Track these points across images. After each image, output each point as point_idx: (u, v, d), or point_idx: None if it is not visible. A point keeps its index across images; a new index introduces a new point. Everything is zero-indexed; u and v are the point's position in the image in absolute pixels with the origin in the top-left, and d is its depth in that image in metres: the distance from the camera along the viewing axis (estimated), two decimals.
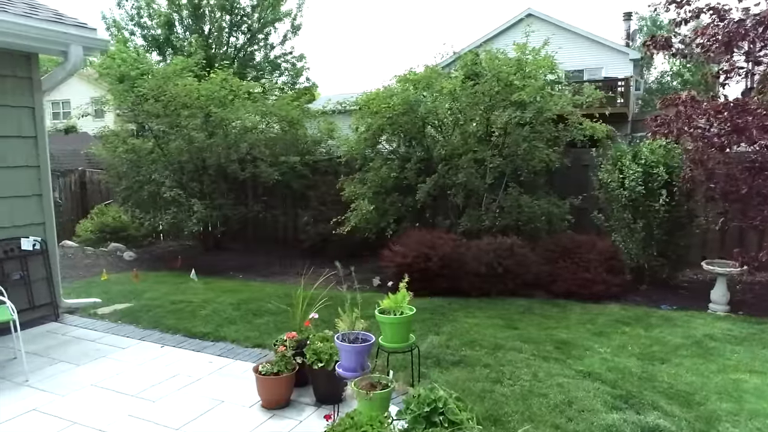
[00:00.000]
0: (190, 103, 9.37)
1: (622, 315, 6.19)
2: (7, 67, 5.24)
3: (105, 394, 3.95)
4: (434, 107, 7.03)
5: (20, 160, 5.41)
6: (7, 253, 5.31)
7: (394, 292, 3.85)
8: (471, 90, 6.89)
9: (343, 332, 3.54)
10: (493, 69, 6.87)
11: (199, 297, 6.83)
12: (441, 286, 7.17)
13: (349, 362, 3.38)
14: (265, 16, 23.44)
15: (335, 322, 3.70)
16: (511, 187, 7.33)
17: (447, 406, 2.90)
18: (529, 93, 6.59)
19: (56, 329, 5.38)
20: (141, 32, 23.60)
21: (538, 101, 6.82)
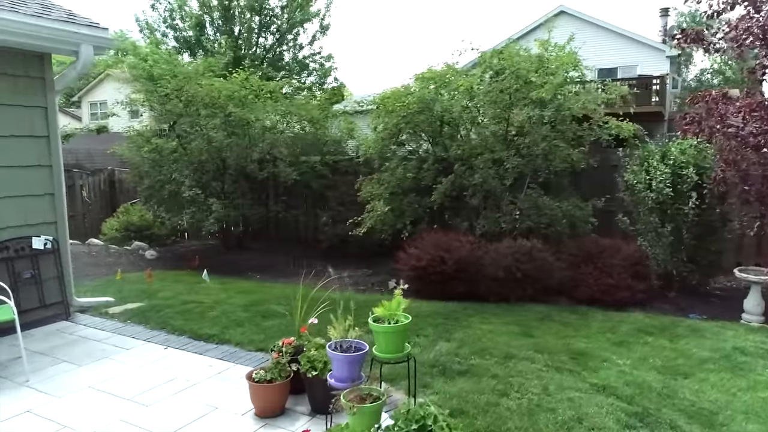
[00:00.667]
0: (211, 102, 9.40)
1: (646, 324, 5.87)
2: (19, 68, 5.27)
3: (101, 397, 3.90)
4: (450, 105, 6.81)
5: (32, 160, 5.45)
6: (18, 252, 5.35)
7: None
8: (488, 87, 6.66)
9: (336, 340, 3.38)
10: (512, 66, 6.61)
11: (212, 297, 6.79)
12: (457, 290, 6.97)
13: (341, 372, 3.23)
14: (293, 16, 23.51)
15: (327, 330, 3.53)
16: (532, 189, 7.05)
17: (436, 424, 2.72)
18: (548, 90, 6.31)
19: (65, 328, 5.40)
20: (173, 34, 24.00)
21: (558, 99, 6.53)
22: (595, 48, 23.59)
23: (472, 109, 6.88)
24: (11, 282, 5.25)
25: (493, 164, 6.81)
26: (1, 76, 5.15)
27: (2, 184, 5.20)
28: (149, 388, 4.05)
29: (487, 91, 6.69)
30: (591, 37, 23.94)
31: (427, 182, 7.51)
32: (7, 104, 5.21)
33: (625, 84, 20.22)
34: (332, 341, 3.38)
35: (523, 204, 6.74)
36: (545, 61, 6.88)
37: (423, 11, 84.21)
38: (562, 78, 6.51)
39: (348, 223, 8.18)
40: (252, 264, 9.66)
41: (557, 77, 6.44)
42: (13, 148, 5.28)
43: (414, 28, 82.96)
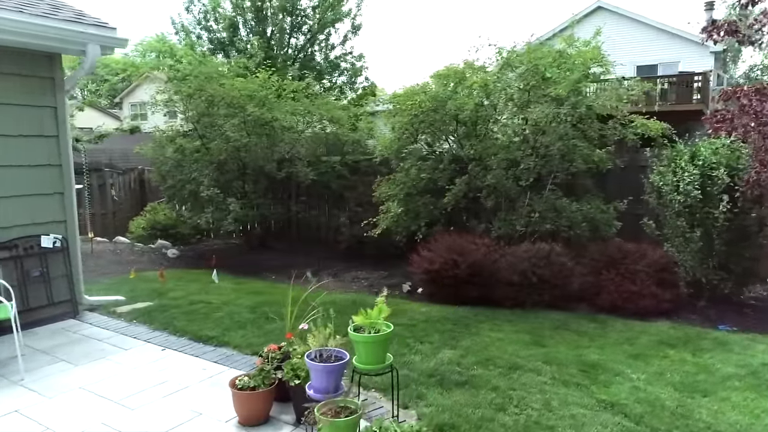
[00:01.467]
0: (231, 102, 9.41)
1: (669, 335, 5.51)
2: (28, 68, 5.33)
3: (89, 399, 3.86)
4: (462, 103, 6.57)
5: (42, 159, 5.50)
6: (27, 250, 5.41)
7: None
8: (503, 84, 6.39)
9: (316, 349, 3.23)
10: (531, 62, 6.33)
11: (222, 298, 6.75)
12: (471, 294, 6.73)
13: (320, 382, 3.08)
14: (324, 17, 23.53)
15: (306, 338, 3.38)
16: (550, 190, 6.74)
17: None
18: (564, 87, 6.00)
19: (71, 326, 5.43)
20: (207, 36, 24.36)
21: (576, 96, 6.20)
22: (634, 44, 22.82)
23: (488, 108, 6.61)
24: (19, 280, 5.32)
25: (509, 164, 6.53)
26: (10, 76, 5.21)
27: (11, 183, 5.27)
28: (139, 390, 3.99)
29: (502, 88, 6.42)
30: (630, 33, 23.17)
31: (443, 183, 7.29)
32: (16, 104, 5.27)
33: (664, 81, 19.59)
34: (312, 350, 3.23)
35: (539, 206, 6.44)
36: (566, 56, 6.57)
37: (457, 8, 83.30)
38: (580, 74, 6.17)
39: (363, 224, 8.04)
40: (270, 264, 9.62)
41: (575, 73, 6.11)
42: (22, 148, 5.34)
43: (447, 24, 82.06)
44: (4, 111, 5.18)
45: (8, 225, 5.28)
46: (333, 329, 3.43)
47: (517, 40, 6.85)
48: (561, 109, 6.10)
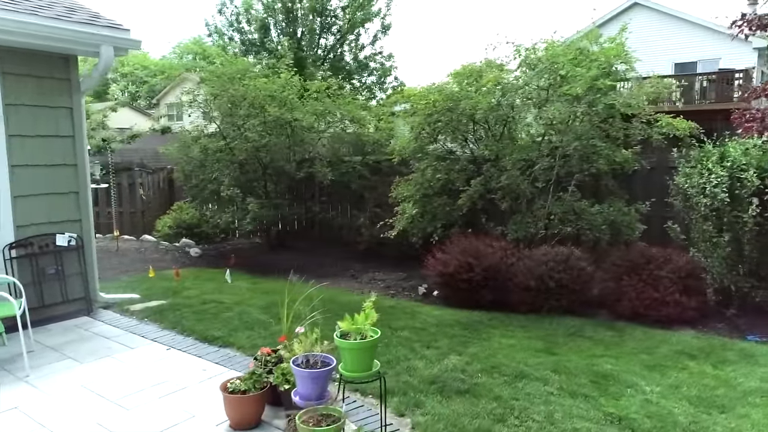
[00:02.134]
0: (253, 103, 9.47)
1: (691, 345, 5.24)
2: (44, 69, 5.44)
3: (88, 397, 3.89)
4: (476, 103, 6.39)
5: (58, 159, 5.61)
6: (42, 248, 5.52)
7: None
8: (520, 83, 6.20)
9: (304, 354, 3.16)
10: (548, 59, 6.12)
11: (235, 298, 6.77)
12: (486, 298, 6.58)
13: (305, 389, 3.01)
14: (354, 17, 23.58)
15: (291, 344, 3.31)
16: (569, 192, 6.51)
17: None
18: (581, 85, 5.77)
19: (83, 324, 5.52)
20: (239, 37, 24.72)
21: (595, 93, 5.96)
22: (672, 41, 22.08)
23: (505, 107, 6.43)
24: (35, 277, 5.44)
25: (525, 165, 6.33)
26: (26, 77, 5.32)
27: (28, 183, 5.38)
28: (138, 390, 4.01)
29: (519, 87, 6.23)
30: (667, 30, 22.42)
31: (460, 184, 7.14)
32: (32, 105, 5.38)
33: (703, 79, 18.87)
34: (299, 355, 3.16)
35: (556, 208, 6.22)
36: (587, 54, 6.33)
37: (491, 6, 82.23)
38: (598, 71, 5.92)
39: (379, 225, 7.96)
40: (290, 264, 9.58)
41: (592, 70, 5.87)
42: (38, 148, 5.45)
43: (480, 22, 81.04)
44: (20, 112, 5.29)
45: (25, 223, 5.40)
46: (320, 334, 3.35)
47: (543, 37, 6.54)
48: (577, 107, 5.87)
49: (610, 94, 5.86)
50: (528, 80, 6.27)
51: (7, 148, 5.22)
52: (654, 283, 6.16)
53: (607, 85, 5.79)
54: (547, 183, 6.32)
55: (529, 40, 8.68)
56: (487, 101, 6.24)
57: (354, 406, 3.82)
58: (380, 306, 6.66)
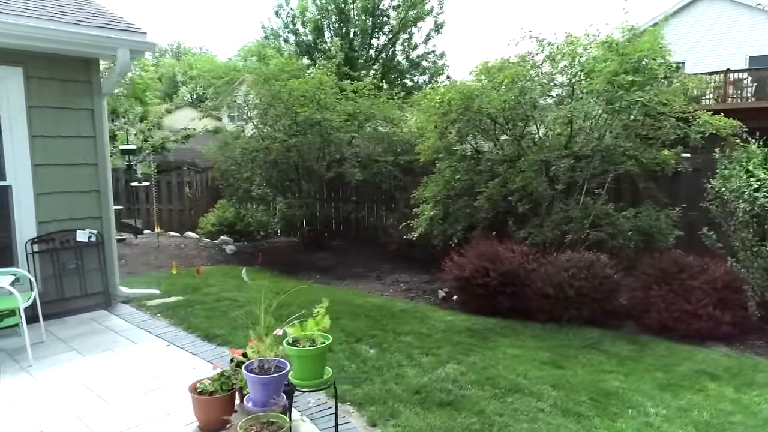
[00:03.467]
0: (286, 103, 9.58)
1: (717, 364, 4.79)
2: (67, 73, 5.67)
3: (77, 390, 4.00)
4: (490, 100, 6.10)
5: (79, 159, 5.84)
6: (63, 243, 5.77)
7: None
8: (541, 79, 5.88)
9: (259, 359, 3.09)
10: (570, 54, 5.77)
11: (250, 296, 6.77)
12: (503, 305, 6.33)
13: (257, 395, 2.95)
14: (406, 16, 23.48)
15: (246, 348, 3.25)
16: (590, 194, 6.12)
17: None
18: (601, 81, 5.39)
19: (98, 317, 5.72)
20: (294, 39, 25.19)
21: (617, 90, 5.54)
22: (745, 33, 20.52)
23: (525, 104, 6.10)
24: (55, 271, 5.70)
25: (542, 166, 6.00)
26: (50, 81, 5.57)
27: (50, 181, 5.63)
28: (125, 385, 4.08)
29: (538, 84, 5.91)
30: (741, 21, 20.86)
31: (482, 186, 6.88)
32: (55, 107, 5.62)
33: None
34: (254, 360, 3.10)
35: (574, 212, 5.86)
36: (617, 47, 5.91)
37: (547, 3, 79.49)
38: (618, 66, 5.50)
39: (401, 226, 7.83)
40: (319, 264, 9.66)
41: (611, 65, 5.47)
42: (60, 148, 5.69)
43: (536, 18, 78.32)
44: (44, 114, 5.55)
45: (47, 220, 5.66)
46: (273, 339, 3.28)
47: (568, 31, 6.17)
48: (594, 105, 5.50)
49: (635, 91, 5.44)
50: (549, 76, 5.93)
51: (30, 148, 5.48)
52: (685, 294, 5.69)
53: (628, 81, 5.36)
54: (567, 185, 5.96)
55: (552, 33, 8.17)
56: (500, 98, 5.96)
57: (329, 412, 3.73)
58: (391, 310, 6.58)
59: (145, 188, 12.08)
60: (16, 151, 5.43)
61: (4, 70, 5.31)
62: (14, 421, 3.55)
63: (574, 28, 57.16)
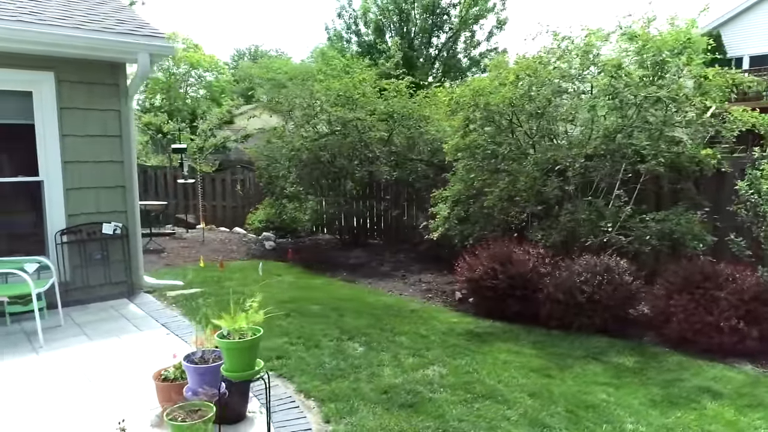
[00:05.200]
0: (322, 102, 9.76)
1: (728, 382, 4.40)
2: (95, 76, 6.08)
3: (68, 370, 4.29)
4: (499, 98, 5.87)
5: (106, 156, 6.25)
6: (90, 235, 6.20)
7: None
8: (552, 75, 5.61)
9: (201, 350, 3.19)
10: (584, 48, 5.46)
11: (266, 290, 7.00)
12: (512, 309, 6.12)
13: (193, 383, 3.05)
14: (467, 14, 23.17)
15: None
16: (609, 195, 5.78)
17: None
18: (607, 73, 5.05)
19: (118, 305, 6.10)
20: (356, 40, 25.54)
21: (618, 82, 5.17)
22: None
23: (539, 101, 5.83)
24: (82, 261, 6.13)
25: (551, 165, 5.73)
26: (79, 84, 6.00)
27: (79, 177, 6.07)
28: (113, 369, 4.32)
29: (549, 79, 5.64)
30: None
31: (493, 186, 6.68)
32: (84, 108, 6.05)
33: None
34: (196, 350, 3.20)
35: (580, 214, 5.55)
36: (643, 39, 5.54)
37: None
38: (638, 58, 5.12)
39: (421, 227, 7.76)
40: (351, 261, 9.75)
41: (616, 59, 5.12)
42: (88, 146, 6.12)
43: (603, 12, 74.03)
44: (73, 114, 5.98)
45: (76, 213, 6.11)
46: (209, 332, 3.36)
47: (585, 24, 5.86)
48: (597, 100, 5.17)
49: (644, 86, 5.04)
50: (564, 71, 5.64)
51: (61, 146, 5.94)
52: (708, 304, 5.26)
53: (639, 75, 4.98)
54: (579, 186, 5.67)
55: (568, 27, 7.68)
56: (503, 95, 5.73)
57: (291, 406, 3.79)
58: (400, 309, 6.56)
59: (191, 185, 12.67)
60: (48, 149, 5.89)
61: (38, 74, 5.79)
62: (7, 392, 3.87)
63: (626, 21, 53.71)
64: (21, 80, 5.71)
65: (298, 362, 4.52)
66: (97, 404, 3.72)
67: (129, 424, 3.31)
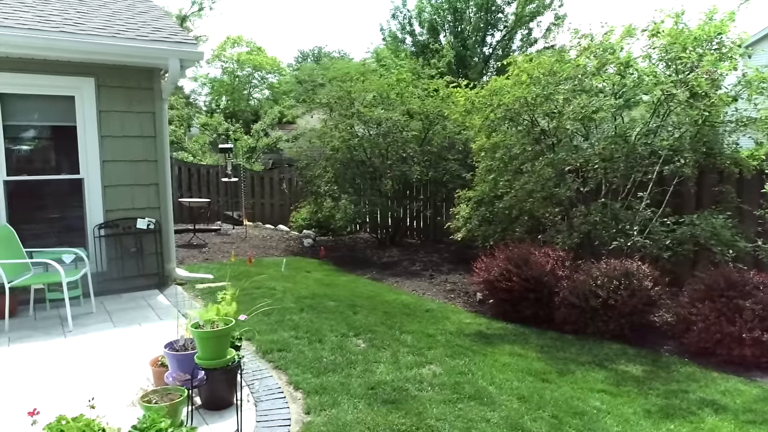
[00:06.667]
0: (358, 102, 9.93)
1: (738, 396, 4.18)
2: (132, 81, 6.51)
3: (85, 350, 4.64)
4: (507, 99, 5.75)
5: (141, 156, 6.67)
6: (125, 229, 6.63)
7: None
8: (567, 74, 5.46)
9: (184, 338, 3.39)
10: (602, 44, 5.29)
11: (290, 286, 7.23)
12: (526, 311, 6.04)
13: (173, 369, 3.25)
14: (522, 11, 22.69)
15: None
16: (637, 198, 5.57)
17: None
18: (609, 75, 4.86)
19: (148, 296, 6.49)
20: (411, 40, 25.57)
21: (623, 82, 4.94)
22: None
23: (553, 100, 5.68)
24: (118, 253, 6.57)
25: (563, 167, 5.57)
26: (117, 88, 6.43)
27: (116, 175, 6.52)
28: (122, 353, 4.61)
29: (565, 78, 5.50)
30: None
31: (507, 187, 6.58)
32: (121, 111, 6.48)
33: None
34: (179, 338, 3.40)
35: (594, 217, 5.37)
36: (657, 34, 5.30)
37: None
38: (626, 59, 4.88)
39: (446, 227, 7.76)
40: (383, 260, 9.86)
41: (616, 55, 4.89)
42: (125, 147, 6.55)
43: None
44: (111, 117, 6.43)
45: (112, 208, 6.56)
46: (189, 321, 3.54)
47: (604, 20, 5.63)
48: (602, 100, 4.97)
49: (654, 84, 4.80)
50: (581, 69, 5.48)
51: (99, 146, 6.40)
52: (731, 314, 5.00)
53: (649, 72, 4.75)
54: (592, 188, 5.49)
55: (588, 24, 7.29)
56: (512, 95, 5.61)
57: (279, 396, 3.93)
58: (415, 308, 6.61)
59: (236, 183, 13.16)
60: (88, 149, 6.36)
61: (80, 80, 6.26)
62: (28, 368, 4.25)
63: None
64: (65, 86, 6.20)
65: (296, 355, 4.67)
66: (93, 384, 3.98)
67: (114, 402, 3.57)
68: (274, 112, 18.62)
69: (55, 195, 6.47)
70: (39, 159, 6.40)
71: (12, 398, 3.77)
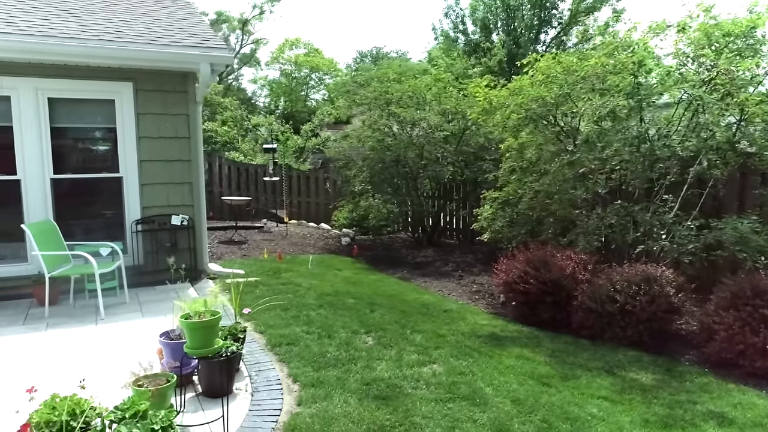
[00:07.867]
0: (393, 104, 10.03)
1: (750, 409, 3.98)
2: (167, 85, 6.88)
3: (112, 337, 4.98)
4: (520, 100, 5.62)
5: (175, 155, 7.03)
6: (161, 225, 7.02)
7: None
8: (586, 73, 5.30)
9: (179, 328, 3.59)
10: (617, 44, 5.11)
11: (316, 283, 7.40)
12: (543, 314, 5.95)
13: (168, 357, 3.45)
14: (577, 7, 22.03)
15: None
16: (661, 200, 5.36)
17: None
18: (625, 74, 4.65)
19: (179, 288, 6.83)
20: (463, 38, 25.37)
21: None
22: None
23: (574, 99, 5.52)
24: (153, 248, 6.97)
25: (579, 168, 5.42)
26: (154, 92, 6.82)
27: (152, 174, 6.91)
28: (141, 339, 4.90)
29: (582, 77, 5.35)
30: None
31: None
32: (157, 113, 6.86)
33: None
34: (175, 328, 3.61)
35: (609, 219, 5.20)
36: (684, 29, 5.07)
37: None
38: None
39: (472, 227, 7.71)
40: (416, 260, 9.90)
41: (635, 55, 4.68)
42: (160, 147, 6.93)
43: None
44: (148, 119, 6.82)
45: (150, 205, 6.96)
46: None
47: None
48: (614, 99, 4.77)
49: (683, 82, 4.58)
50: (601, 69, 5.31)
51: (137, 147, 6.81)
52: (755, 324, 4.73)
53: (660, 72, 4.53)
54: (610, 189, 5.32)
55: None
56: (525, 95, 5.50)
57: (276, 387, 4.09)
58: (434, 308, 6.65)
59: (278, 182, 13.53)
60: (127, 149, 6.78)
61: (120, 85, 6.69)
62: (54, 351, 4.61)
63: None
64: (106, 90, 6.63)
65: (302, 350, 4.81)
66: (102, 367, 4.26)
67: (113, 384, 3.80)
68: (323, 112, 19.00)
69: (97, 192, 6.93)
70: (82, 159, 6.88)
71: (25, 378, 4.10)
